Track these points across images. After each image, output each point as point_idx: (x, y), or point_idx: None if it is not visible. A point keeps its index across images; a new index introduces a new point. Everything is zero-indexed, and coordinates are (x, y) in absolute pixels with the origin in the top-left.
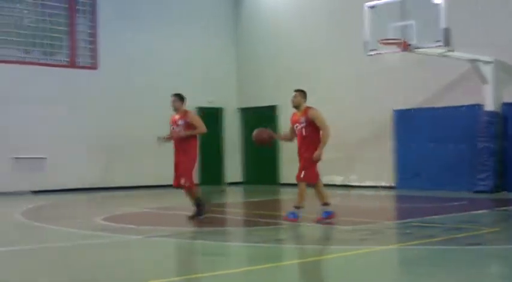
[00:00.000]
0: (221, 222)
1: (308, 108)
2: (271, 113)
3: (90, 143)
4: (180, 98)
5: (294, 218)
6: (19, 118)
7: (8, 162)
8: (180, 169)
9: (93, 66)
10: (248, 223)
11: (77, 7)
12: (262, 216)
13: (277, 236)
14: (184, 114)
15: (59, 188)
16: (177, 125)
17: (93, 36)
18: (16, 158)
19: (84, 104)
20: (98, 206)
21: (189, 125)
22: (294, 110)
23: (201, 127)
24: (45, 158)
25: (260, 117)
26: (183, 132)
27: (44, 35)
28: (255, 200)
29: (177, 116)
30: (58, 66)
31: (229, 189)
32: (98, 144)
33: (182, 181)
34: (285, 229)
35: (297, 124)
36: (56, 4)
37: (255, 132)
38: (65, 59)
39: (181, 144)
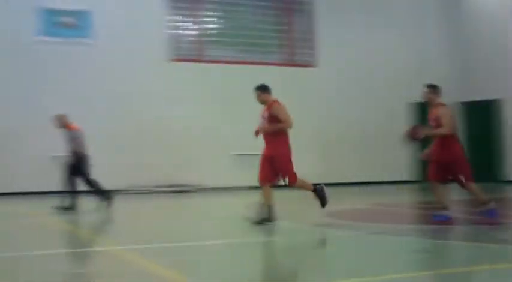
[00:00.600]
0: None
1: (440, 104)
2: (494, 107)
3: (309, 139)
4: (262, 89)
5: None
6: (240, 116)
7: (230, 159)
8: (278, 168)
9: (311, 64)
10: (471, 221)
11: (294, 7)
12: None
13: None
14: (271, 105)
15: (281, 184)
16: (263, 118)
17: (310, 34)
18: (237, 154)
19: (302, 102)
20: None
21: (272, 118)
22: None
23: (286, 121)
24: None
25: (482, 111)
26: (267, 127)
27: (262, 35)
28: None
29: (264, 108)
30: (276, 65)
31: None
32: (316, 140)
33: (287, 180)
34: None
35: (431, 123)
36: (273, 5)
37: (410, 129)
38: (283, 58)
39: (269, 138)
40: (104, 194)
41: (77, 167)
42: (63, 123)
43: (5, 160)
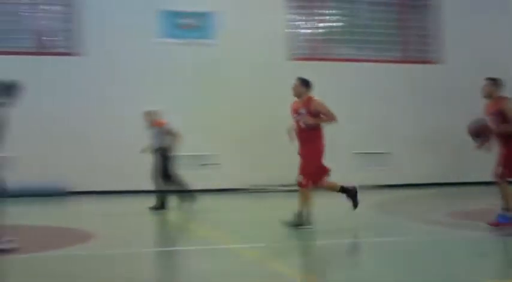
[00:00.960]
0: None
1: (502, 98)
2: None
3: (427, 138)
4: (303, 82)
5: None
6: (360, 114)
7: (351, 157)
8: (301, 164)
9: (431, 61)
10: None
11: (413, 2)
12: None
13: None
14: (308, 101)
15: (402, 183)
16: (298, 114)
17: (430, 30)
18: (358, 153)
19: (423, 99)
20: (443, 201)
21: (312, 114)
22: None
23: (331, 116)
24: (390, 153)
25: None
26: (311, 120)
27: (381, 31)
28: None
29: (298, 104)
30: (395, 62)
31: None
32: (435, 139)
33: (299, 178)
34: None
35: (489, 116)
36: (391, 0)
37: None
38: (402, 55)
39: (303, 135)
40: (185, 194)
41: (163, 163)
42: (152, 119)
43: (133, 160)
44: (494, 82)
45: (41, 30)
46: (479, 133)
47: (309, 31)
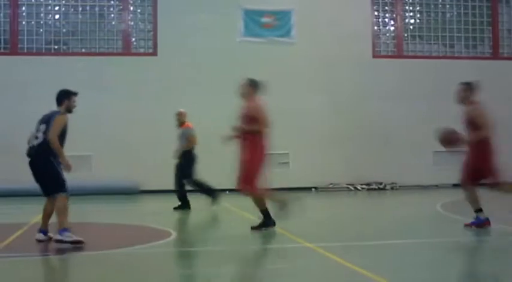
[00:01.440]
0: None
1: (474, 103)
2: None
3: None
4: (251, 83)
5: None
6: (443, 112)
7: (432, 156)
8: (241, 171)
9: None
10: None
11: None
12: None
13: None
14: (248, 104)
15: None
16: (239, 119)
17: None
18: (437, 151)
19: (508, 97)
20: None
21: (249, 119)
22: None
23: (261, 123)
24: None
25: None
26: (242, 127)
27: (465, 28)
28: None
29: (242, 108)
30: (480, 59)
31: None
32: None
33: (241, 186)
34: None
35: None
36: None
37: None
38: (487, 51)
39: (243, 140)
40: (210, 193)
41: (184, 165)
42: (181, 120)
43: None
44: (469, 86)
45: (124, 30)
46: (449, 140)
47: (394, 28)
